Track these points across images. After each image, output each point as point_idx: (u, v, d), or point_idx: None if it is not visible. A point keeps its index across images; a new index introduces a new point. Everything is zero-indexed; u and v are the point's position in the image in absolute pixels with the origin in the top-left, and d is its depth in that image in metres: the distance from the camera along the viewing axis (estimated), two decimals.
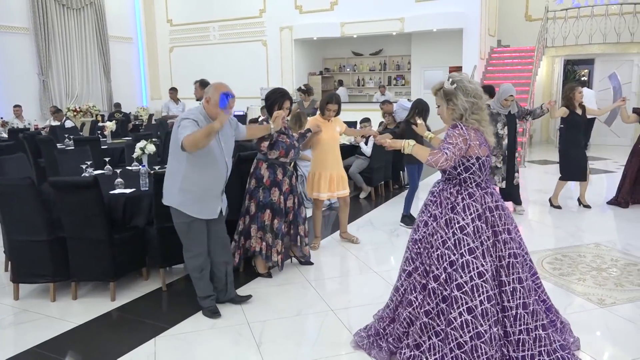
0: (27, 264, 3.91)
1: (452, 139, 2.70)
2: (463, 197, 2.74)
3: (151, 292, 4.08)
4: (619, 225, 5.87)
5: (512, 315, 2.69)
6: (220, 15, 14.83)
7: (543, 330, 2.71)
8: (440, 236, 2.73)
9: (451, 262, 2.67)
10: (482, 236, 2.69)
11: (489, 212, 2.73)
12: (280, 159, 4.20)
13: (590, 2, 12.49)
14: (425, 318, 2.73)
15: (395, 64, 14.70)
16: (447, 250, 2.69)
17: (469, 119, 2.73)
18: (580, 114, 6.21)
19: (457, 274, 2.64)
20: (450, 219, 2.72)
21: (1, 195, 3.81)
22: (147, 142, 5.05)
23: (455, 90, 2.74)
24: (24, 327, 3.54)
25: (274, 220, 4.17)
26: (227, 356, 3.11)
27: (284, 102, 4.20)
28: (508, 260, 2.71)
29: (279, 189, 4.18)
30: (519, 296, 2.69)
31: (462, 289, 2.62)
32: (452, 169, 2.76)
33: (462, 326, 2.60)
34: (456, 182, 2.78)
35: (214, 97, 3.34)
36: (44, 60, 12.82)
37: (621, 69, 12.54)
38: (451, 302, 2.64)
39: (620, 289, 3.98)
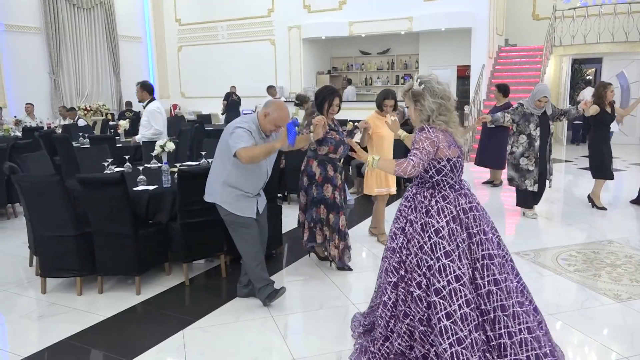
0: (54, 259, 4.00)
1: (419, 143, 2.67)
2: (437, 199, 2.69)
3: (175, 287, 4.17)
4: (630, 223, 5.93)
5: (491, 319, 2.60)
6: (228, 15, 14.94)
7: (529, 333, 2.59)
8: (417, 241, 2.67)
9: (429, 266, 2.61)
10: (457, 239, 2.63)
11: (463, 214, 2.69)
12: (330, 154, 4.25)
13: (597, 2, 12.54)
14: (421, 327, 2.66)
15: (403, 63, 14.78)
16: (424, 255, 2.63)
17: (436, 120, 2.70)
18: (610, 112, 6.22)
19: (435, 279, 2.57)
20: (425, 223, 2.67)
21: (30, 192, 3.91)
22: (167, 140, 5.12)
23: (422, 92, 2.70)
24: (54, 320, 3.63)
25: (330, 215, 4.26)
26: (255, 348, 3.19)
27: (334, 99, 4.21)
28: (482, 262, 2.64)
29: (332, 185, 4.25)
30: (495, 299, 2.60)
31: (440, 294, 2.54)
32: (424, 172, 2.72)
33: (442, 332, 2.52)
34: (429, 185, 2.73)
35: (273, 115, 3.48)
36: (54, 59, 12.94)
37: (629, 68, 12.58)
38: (432, 308, 2.57)
39: (636, 285, 4.04)
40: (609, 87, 6.17)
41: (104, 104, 14.02)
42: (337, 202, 4.26)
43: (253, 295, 3.84)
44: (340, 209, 4.28)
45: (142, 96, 6.34)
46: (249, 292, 3.85)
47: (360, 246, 5.15)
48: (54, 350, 3.20)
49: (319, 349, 3.15)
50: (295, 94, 9.29)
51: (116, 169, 5.13)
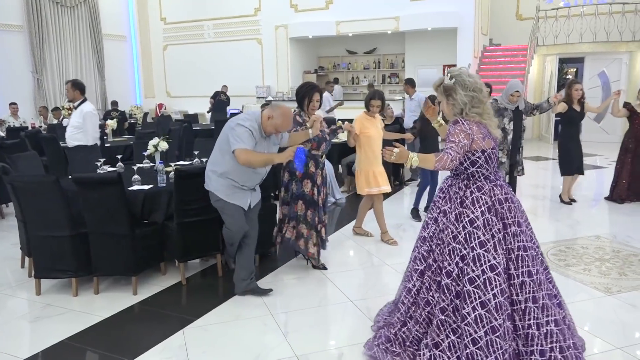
0: (49, 260, 3.96)
1: (454, 136, 2.68)
2: (472, 190, 2.71)
3: (171, 286, 4.16)
4: (616, 218, 6.07)
5: (521, 309, 2.63)
6: (214, 14, 14.88)
7: (556, 326, 2.63)
8: (451, 231, 2.70)
9: (462, 256, 2.63)
10: (492, 229, 2.65)
11: (499, 204, 2.69)
12: (312, 151, 4.26)
13: (579, 2, 12.78)
14: (441, 315, 2.68)
15: (389, 62, 14.87)
16: (457, 244, 2.66)
17: (470, 112, 2.71)
18: (577, 110, 6.39)
19: (469, 268, 2.59)
20: (459, 213, 2.70)
21: (25, 192, 3.87)
22: (160, 140, 5.11)
23: (454, 85, 2.72)
24: (51, 321, 3.60)
25: (308, 212, 4.27)
26: (257, 345, 3.21)
27: (313, 94, 4.26)
28: (517, 253, 2.66)
29: (312, 181, 4.27)
30: (528, 290, 2.63)
31: (474, 283, 2.57)
32: (459, 164, 2.74)
33: (476, 321, 2.54)
34: (464, 176, 2.76)
35: (277, 121, 3.55)
36: (38, 58, 12.76)
37: (610, 67, 12.83)
38: (464, 297, 2.59)
39: (625, 278, 4.15)
40: (574, 86, 6.34)
41: None
42: (314, 199, 4.28)
43: (252, 291, 3.87)
44: (317, 206, 4.30)
45: (74, 96, 5.90)
46: (248, 286, 3.88)
47: (353, 244, 5.20)
48: (53, 351, 3.19)
49: (321, 346, 3.18)
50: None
51: (109, 168, 5.10)
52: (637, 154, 6.58)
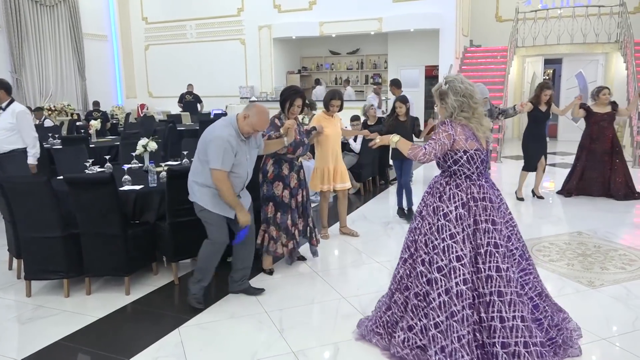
0: (40, 261, 3.94)
1: (437, 135, 2.90)
2: (450, 187, 2.92)
3: (164, 286, 4.17)
4: (596, 215, 6.24)
5: (486, 302, 2.79)
6: (197, 14, 14.81)
7: (522, 322, 2.75)
8: (428, 222, 2.94)
9: (434, 246, 2.86)
10: (463, 223, 2.83)
11: (473, 202, 2.88)
12: (288, 155, 4.27)
13: (557, 4, 13.07)
14: (415, 300, 2.91)
15: (372, 62, 14.99)
16: (431, 235, 2.89)
17: (457, 116, 2.90)
18: (543, 111, 6.61)
19: (438, 257, 2.82)
20: (437, 207, 2.92)
21: (15, 193, 3.84)
22: (149, 140, 5.11)
23: (447, 90, 2.93)
24: (44, 322, 3.59)
25: (277, 214, 4.25)
26: (254, 342, 3.25)
27: (296, 99, 4.24)
28: (487, 248, 2.82)
29: (283, 183, 4.26)
30: (494, 284, 2.78)
31: (441, 272, 2.79)
32: (443, 162, 2.95)
33: (440, 306, 2.77)
34: (447, 173, 2.97)
35: (253, 119, 3.52)
36: (17, 58, 12.55)
37: (587, 68, 13.17)
38: (432, 284, 2.82)
39: (606, 272, 4.30)
40: (545, 91, 6.55)
41: (68, 103, 13.68)
42: (285, 202, 4.25)
43: (245, 291, 3.90)
44: (287, 208, 4.27)
45: (6, 98, 5.49)
46: (239, 286, 3.91)
47: (342, 242, 5.26)
48: (49, 351, 3.18)
49: (317, 341, 3.24)
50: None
51: (97, 169, 5.07)
52: (590, 151, 6.87)
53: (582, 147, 7.01)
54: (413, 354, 2.89)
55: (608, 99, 6.78)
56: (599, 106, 6.80)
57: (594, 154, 6.86)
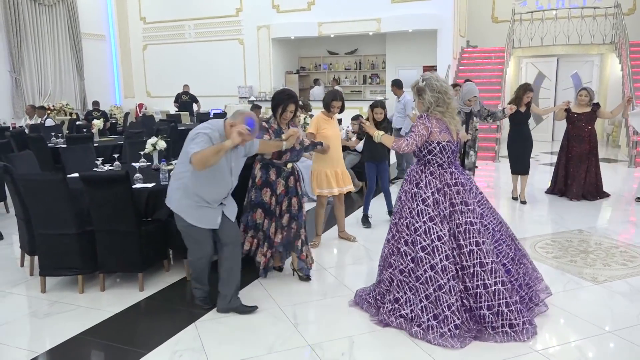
0: (55, 258, 3.99)
1: (416, 127, 3.32)
2: (426, 175, 3.32)
3: (176, 282, 4.23)
4: (595, 213, 6.37)
5: (470, 273, 3.22)
6: (195, 14, 14.84)
7: (502, 286, 3.19)
8: (408, 207, 3.32)
9: (415, 228, 3.25)
10: (440, 206, 3.25)
11: (447, 188, 3.28)
12: (274, 160, 4.07)
13: (553, 6, 13.23)
14: (400, 276, 3.31)
15: (370, 63, 15.09)
16: (412, 218, 3.28)
17: (434, 110, 3.31)
18: (523, 112, 6.69)
19: (421, 238, 3.22)
20: (415, 193, 3.31)
21: (31, 191, 3.89)
22: (158, 139, 5.16)
23: (424, 87, 3.32)
24: (61, 317, 3.64)
25: (265, 221, 4.09)
26: (269, 336, 3.32)
27: (289, 105, 4.03)
28: (465, 227, 3.25)
29: (271, 189, 4.06)
30: (475, 257, 3.21)
31: (425, 250, 3.20)
32: (419, 152, 3.34)
33: (427, 281, 3.19)
34: (422, 162, 3.36)
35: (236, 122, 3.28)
36: (16, 57, 12.54)
37: (582, 69, 13.34)
38: (417, 262, 3.22)
39: (608, 268, 4.41)
40: (527, 93, 6.60)
41: (67, 103, 13.70)
42: (271, 209, 4.07)
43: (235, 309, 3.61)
44: (272, 215, 4.08)
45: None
46: (230, 305, 3.61)
47: (345, 241, 5.33)
48: (70, 345, 3.24)
49: (331, 335, 3.32)
50: None
51: (107, 167, 5.13)
52: (570, 151, 6.92)
53: (562, 147, 7.08)
54: (397, 322, 3.29)
55: (585, 100, 6.78)
56: (578, 106, 6.85)
57: (571, 154, 6.91)
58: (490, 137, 10.71)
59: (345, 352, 3.11)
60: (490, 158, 10.46)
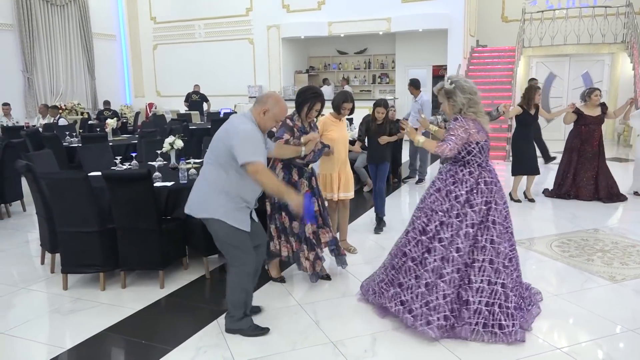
0: (77, 255, 4.04)
1: (454, 130, 3.28)
2: (464, 174, 3.34)
3: (196, 280, 4.28)
4: (609, 212, 6.35)
5: (478, 267, 3.27)
6: (205, 14, 14.90)
7: (502, 288, 3.26)
8: (440, 203, 3.36)
9: (441, 222, 3.33)
10: (473, 206, 3.28)
11: (484, 185, 3.32)
12: (297, 160, 3.93)
13: (563, 5, 13.18)
14: (410, 263, 3.39)
15: (380, 62, 15.09)
16: (441, 212, 3.34)
17: (467, 112, 3.31)
18: (532, 114, 6.69)
19: (442, 231, 3.30)
20: (449, 191, 3.35)
21: (54, 189, 3.94)
22: (175, 138, 5.21)
23: (454, 89, 3.31)
24: (85, 314, 3.69)
25: (293, 224, 3.97)
26: (292, 333, 3.35)
27: (316, 103, 3.92)
28: (487, 224, 3.30)
29: (295, 190, 3.79)
30: (487, 253, 3.28)
31: (442, 242, 3.29)
32: (457, 154, 3.33)
33: (433, 270, 3.27)
34: (461, 163, 3.37)
35: (274, 111, 3.11)
36: (28, 57, 12.64)
37: (593, 69, 13.29)
38: (431, 252, 3.31)
39: (626, 267, 4.41)
40: (538, 91, 6.63)
41: (78, 102, 13.80)
42: None
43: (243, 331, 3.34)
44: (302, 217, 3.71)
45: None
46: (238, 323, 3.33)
47: (365, 239, 5.36)
48: (96, 340, 3.29)
49: (353, 332, 3.35)
50: None
51: (125, 165, 5.18)
52: (582, 152, 6.85)
53: (571, 149, 6.94)
54: (396, 309, 3.36)
55: (599, 100, 6.78)
56: (589, 108, 6.79)
57: (584, 155, 6.85)
58: (501, 137, 10.69)
59: (368, 349, 3.14)
60: (501, 157, 10.45)
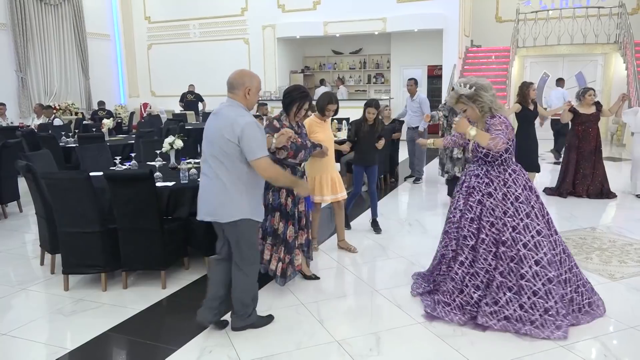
0: (78, 256, 4.03)
1: (498, 126, 3.22)
2: (509, 173, 3.32)
3: (197, 280, 4.26)
4: (605, 211, 6.42)
5: (559, 260, 3.31)
6: (200, 14, 14.86)
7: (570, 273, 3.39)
8: (501, 208, 3.27)
9: (513, 227, 3.23)
10: (531, 201, 3.29)
11: (528, 182, 3.37)
12: (289, 160, 3.89)
13: (556, 5, 13.28)
14: (500, 278, 3.25)
15: (375, 62, 15.12)
16: (509, 218, 3.25)
17: (497, 108, 3.29)
18: (532, 110, 6.77)
19: (521, 236, 3.21)
20: (505, 193, 3.28)
21: (55, 189, 3.92)
22: (175, 138, 5.20)
23: (476, 91, 3.26)
24: (87, 314, 3.68)
25: (281, 224, 3.91)
26: (296, 332, 3.36)
27: (305, 102, 3.92)
28: (547, 217, 3.38)
29: (287, 191, 3.89)
30: (560, 243, 3.36)
31: (527, 247, 3.20)
32: (494, 152, 3.26)
33: (534, 277, 3.18)
34: (499, 162, 3.32)
35: (254, 84, 3.10)
36: (22, 57, 12.54)
37: (586, 69, 13.40)
38: (520, 260, 3.20)
39: (625, 265, 4.46)
40: (531, 87, 6.72)
41: (72, 102, 13.72)
42: (287, 211, 3.91)
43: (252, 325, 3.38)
44: (290, 219, 3.91)
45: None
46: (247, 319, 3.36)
47: (366, 238, 5.37)
48: (100, 341, 3.28)
49: (358, 331, 3.36)
50: None
51: (124, 165, 5.16)
52: (580, 150, 6.98)
53: (570, 147, 7.11)
54: (500, 324, 3.22)
55: (592, 100, 6.93)
56: (584, 107, 6.94)
57: (582, 153, 6.98)
58: None
59: (373, 348, 3.15)
60: None
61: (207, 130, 3.10)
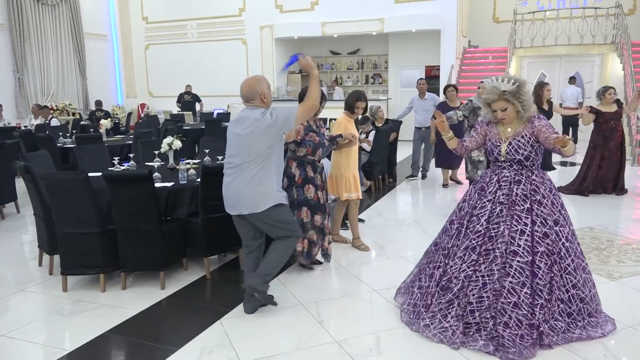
0: (77, 256, 4.02)
1: (550, 127, 3.06)
2: (548, 178, 3.15)
3: (197, 281, 4.26)
4: (602, 211, 6.41)
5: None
6: (198, 14, 14.83)
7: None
8: (551, 217, 3.06)
9: (566, 236, 3.09)
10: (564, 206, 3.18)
11: None
12: (308, 156, 4.17)
13: (553, 6, 13.32)
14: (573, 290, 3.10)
15: (372, 63, 15.12)
16: (561, 227, 3.08)
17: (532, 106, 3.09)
18: (547, 110, 6.80)
19: (574, 244, 3.13)
20: (553, 201, 3.10)
21: (54, 189, 3.91)
22: (173, 138, 5.19)
23: (519, 87, 3.02)
24: (86, 315, 3.67)
25: (315, 217, 4.21)
26: (296, 332, 3.36)
27: (323, 102, 4.18)
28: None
29: (314, 185, 4.20)
30: None
31: (578, 257, 3.13)
32: (534, 155, 3.08)
33: (584, 284, 3.14)
34: (534, 167, 3.12)
35: (265, 89, 3.39)
36: (19, 57, 12.50)
37: (583, 69, 13.43)
38: (582, 286, 3.11)
39: (623, 265, 4.47)
40: (546, 87, 6.76)
41: (70, 103, 13.68)
42: (321, 203, 4.24)
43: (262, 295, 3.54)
44: (323, 208, 4.27)
45: None
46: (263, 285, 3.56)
47: (364, 239, 5.36)
48: (99, 342, 3.27)
49: (357, 331, 3.36)
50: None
51: (123, 165, 5.15)
52: (606, 149, 7.03)
53: (595, 146, 7.13)
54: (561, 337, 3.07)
55: (613, 98, 6.99)
56: (605, 105, 7.00)
57: (608, 151, 7.03)
58: None
59: (373, 348, 3.15)
60: None
61: (230, 133, 3.43)
